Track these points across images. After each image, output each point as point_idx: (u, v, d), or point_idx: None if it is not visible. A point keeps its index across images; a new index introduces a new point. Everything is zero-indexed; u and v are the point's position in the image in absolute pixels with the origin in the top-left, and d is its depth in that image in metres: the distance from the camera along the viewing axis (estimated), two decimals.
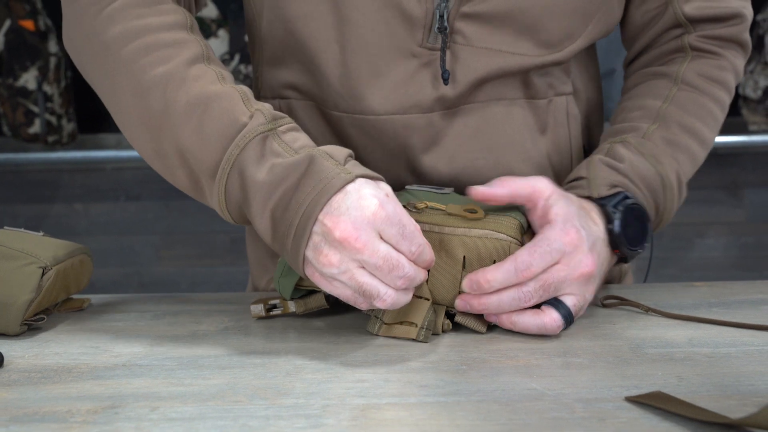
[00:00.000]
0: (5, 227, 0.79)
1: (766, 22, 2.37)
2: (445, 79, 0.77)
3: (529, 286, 0.67)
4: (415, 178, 0.81)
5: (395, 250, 0.63)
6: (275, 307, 0.75)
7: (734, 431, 0.49)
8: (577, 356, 0.64)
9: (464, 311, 0.69)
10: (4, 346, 0.69)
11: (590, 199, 0.75)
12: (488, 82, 0.79)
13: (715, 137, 0.86)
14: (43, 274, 0.73)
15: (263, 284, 0.95)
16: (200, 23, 2.32)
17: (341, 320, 0.74)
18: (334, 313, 0.75)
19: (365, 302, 0.64)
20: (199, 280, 2.72)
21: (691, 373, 0.60)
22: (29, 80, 2.36)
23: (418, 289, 0.68)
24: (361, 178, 0.64)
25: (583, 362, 0.63)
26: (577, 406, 0.54)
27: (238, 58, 2.39)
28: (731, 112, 1.06)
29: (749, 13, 0.88)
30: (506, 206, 0.74)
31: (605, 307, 0.78)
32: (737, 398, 0.55)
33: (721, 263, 2.72)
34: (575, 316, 0.69)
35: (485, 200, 0.70)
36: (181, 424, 0.52)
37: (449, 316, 0.71)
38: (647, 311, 0.75)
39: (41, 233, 0.79)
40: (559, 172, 0.85)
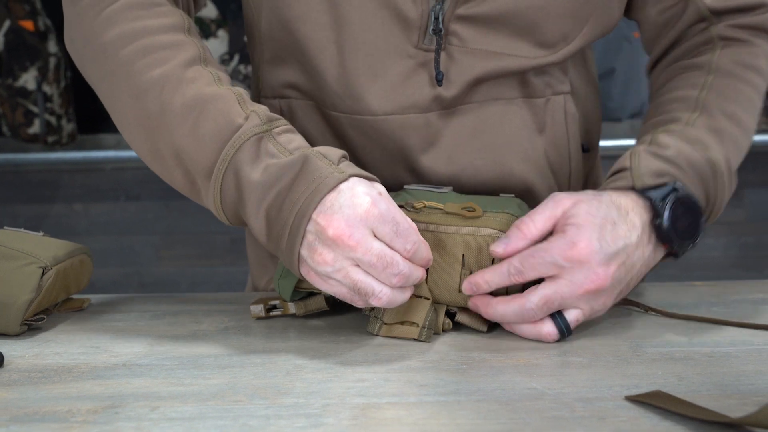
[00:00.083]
0: (5, 227, 0.79)
1: None
2: (438, 80, 0.77)
3: (532, 302, 0.66)
4: (414, 178, 0.81)
5: (389, 247, 0.63)
6: (275, 307, 0.75)
7: (734, 430, 0.49)
8: (577, 355, 0.64)
9: (466, 309, 0.69)
10: (4, 346, 0.69)
11: (634, 190, 0.71)
12: (485, 82, 0.79)
13: (755, 124, 0.82)
14: (43, 274, 0.73)
15: (263, 284, 0.95)
16: (199, 23, 2.32)
17: (341, 320, 0.74)
18: (333, 312, 0.75)
19: (361, 300, 0.64)
20: (199, 280, 2.72)
21: (691, 372, 0.60)
22: (29, 80, 2.36)
23: (417, 288, 0.68)
24: (354, 177, 0.64)
25: (583, 361, 0.63)
26: (577, 405, 0.54)
27: (237, 58, 2.38)
28: None
29: None
30: (504, 203, 0.74)
31: None
32: (737, 397, 0.55)
33: (721, 263, 2.72)
34: (573, 328, 0.67)
35: (507, 256, 0.68)
36: (181, 423, 0.52)
37: (449, 315, 0.71)
38: (647, 310, 0.75)
39: (41, 233, 0.79)
40: (557, 171, 0.85)
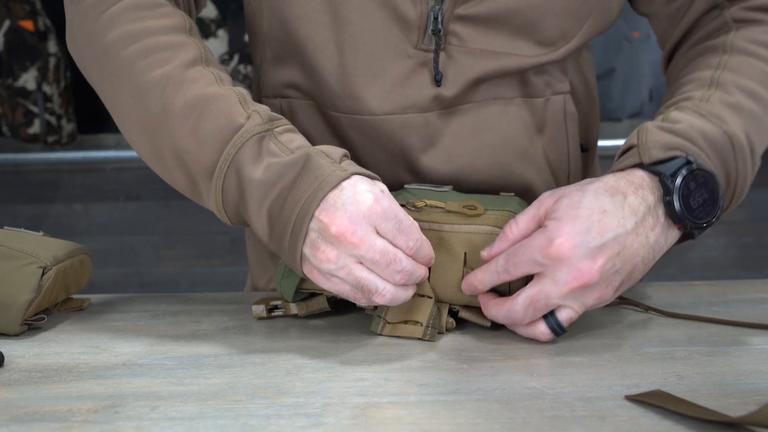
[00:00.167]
0: (5, 227, 0.79)
1: None
2: (437, 80, 0.77)
3: (518, 304, 0.65)
4: (413, 177, 0.81)
5: (392, 245, 0.63)
6: (277, 308, 0.75)
7: (734, 430, 0.49)
8: (577, 355, 0.64)
9: (469, 306, 0.70)
10: (4, 345, 0.69)
11: (642, 167, 0.68)
12: (485, 82, 0.79)
13: None
14: (43, 274, 0.73)
15: (263, 284, 0.95)
16: (199, 23, 2.32)
17: (341, 319, 0.74)
18: (334, 312, 0.75)
19: (364, 298, 0.64)
20: (199, 280, 2.72)
21: (691, 371, 0.60)
22: (29, 80, 2.36)
23: (420, 287, 0.68)
24: (356, 175, 0.64)
25: (583, 361, 0.63)
26: (577, 404, 0.54)
27: (237, 58, 2.38)
28: None
29: None
30: (505, 200, 0.74)
31: (605, 306, 0.77)
32: (737, 397, 0.55)
33: (721, 262, 2.72)
34: (566, 327, 0.66)
35: (490, 259, 0.67)
36: (181, 423, 0.52)
37: (452, 313, 0.71)
38: (647, 310, 0.75)
39: (41, 233, 0.79)
40: (556, 170, 0.85)
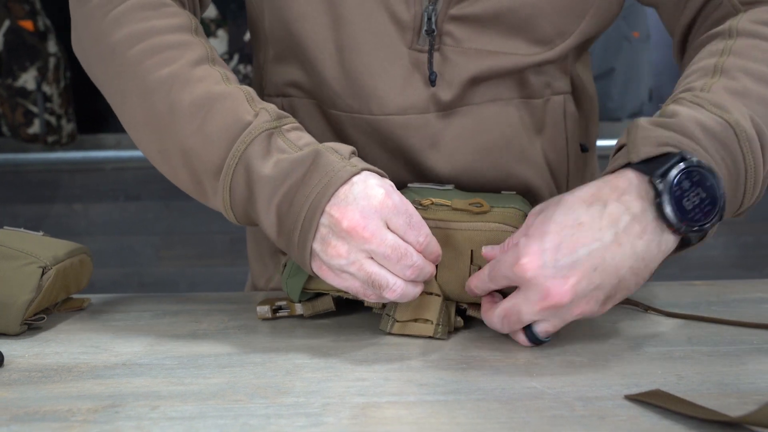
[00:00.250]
0: (5, 227, 0.79)
1: None
2: (432, 81, 0.77)
3: (495, 315, 0.65)
4: (415, 176, 0.81)
5: (403, 240, 0.63)
6: (281, 308, 0.75)
7: (734, 429, 0.49)
8: (576, 355, 0.64)
9: (476, 304, 0.69)
10: (4, 345, 0.69)
11: (631, 167, 0.62)
12: (482, 82, 0.79)
13: None
14: (43, 273, 0.73)
15: (263, 283, 0.95)
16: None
17: (341, 319, 0.74)
18: (336, 312, 0.75)
19: (374, 294, 0.64)
20: (198, 280, 2.72)
21: (690, 371, 0.60)
22: (28, 80, 2.36)
23: (428, 285, 0.67)
24: (366, 171, 0.65)
25: (582, 361, 0.63)
26: (576, 404, 0.54)
27: (237, 58, 2.38)
28: None
29: None
30: (510, 198, 0.74)
31: None
32: (737, 396, 0.55)
33: (720, 262, 2.72)
34: (544, 338, 0.64)
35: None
36: (181, 423, 0.52)
37: (459, 312, 0.70)
38: (647, 310, 0.75)
39: (41, 233, 0.79)
40: (556, 171, 0.85)
